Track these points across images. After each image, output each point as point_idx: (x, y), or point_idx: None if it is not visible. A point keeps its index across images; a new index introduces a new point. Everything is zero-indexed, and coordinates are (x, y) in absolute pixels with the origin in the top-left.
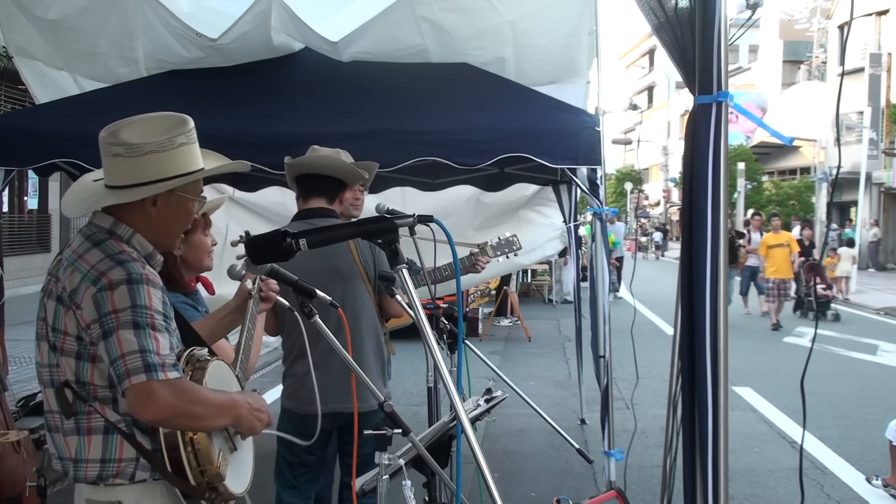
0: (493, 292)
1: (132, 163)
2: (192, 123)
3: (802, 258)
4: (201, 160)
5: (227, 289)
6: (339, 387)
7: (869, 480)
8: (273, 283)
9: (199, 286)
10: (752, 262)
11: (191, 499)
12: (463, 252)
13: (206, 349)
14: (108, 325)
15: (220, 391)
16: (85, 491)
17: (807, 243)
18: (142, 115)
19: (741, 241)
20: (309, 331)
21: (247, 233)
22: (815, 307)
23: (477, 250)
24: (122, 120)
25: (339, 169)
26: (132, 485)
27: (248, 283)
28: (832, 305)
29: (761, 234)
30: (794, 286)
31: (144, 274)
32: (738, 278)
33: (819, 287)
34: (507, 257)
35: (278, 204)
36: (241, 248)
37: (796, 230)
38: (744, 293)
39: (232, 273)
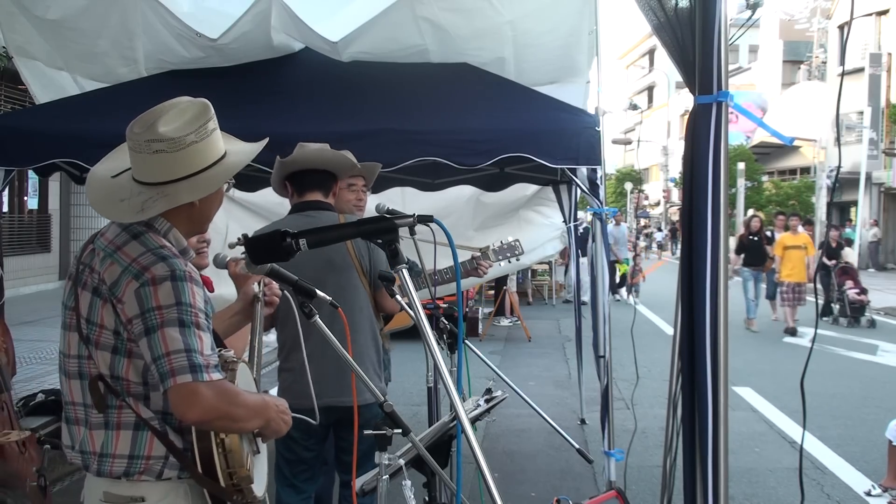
0: (492, 291)
1: (176, 157)
2: (212, 109)
3: (833, 261)
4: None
5: (226, 288)
6: (334, 380)
7: (869, 493)
8: (276, 287)
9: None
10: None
11: (218, 501)
12: (465, 256)
13: (232, 350)
14: (152, 322)
15: (253, 393)
16: (103, 484)
17: (833, 244)
18: (166, 106)
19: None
20: (302, 323)
21: (245, 235)
22: (849, 313)
23: (479, 254)
24: (150, 113)
25: (330, 161)
26: (157, 482)
27: (255, 287)
28: (866, 311)
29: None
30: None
31: (188, 271)
32: (763, 284)
33: (852, 291)
34: (510, 262)
35: (278, 204)
36: (238, 250)
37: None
38: (771, 297)
39: (216, 261)
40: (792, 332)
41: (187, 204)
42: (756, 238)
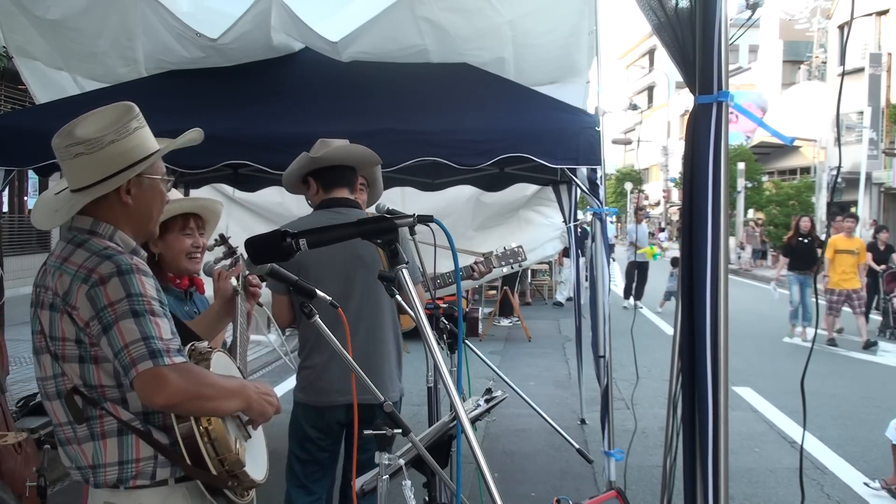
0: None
1: (95, 158)
2: (137, 108)
3: (883, 266)
4: (156, 141)
5: None
6: (357, 378)
7: (867, 485)
8: (256, 279)
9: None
10: None
11: (216, 493)
12: (467, 260)
13: (206, 343)
14: (107, 319)
15: (227, 376)
16: (104, 495)
17: (882, 247)
18: (87, 113)
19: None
20: (329, 320)
21: (221, 236)
22: (892, 324)
23: (482, 259)
24: (69, 123)
25: (358, 157)
26: (154, 487)
27: (233, 281)
28: None
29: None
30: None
31: (133, 264)
32: (809, 289)
33: None
34: (512, 268)
35: (278, 204)
36: (217, 252)
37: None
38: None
39: (205, 269)
40: (832, 342)
41: (120, 204)
42: (807, 240)
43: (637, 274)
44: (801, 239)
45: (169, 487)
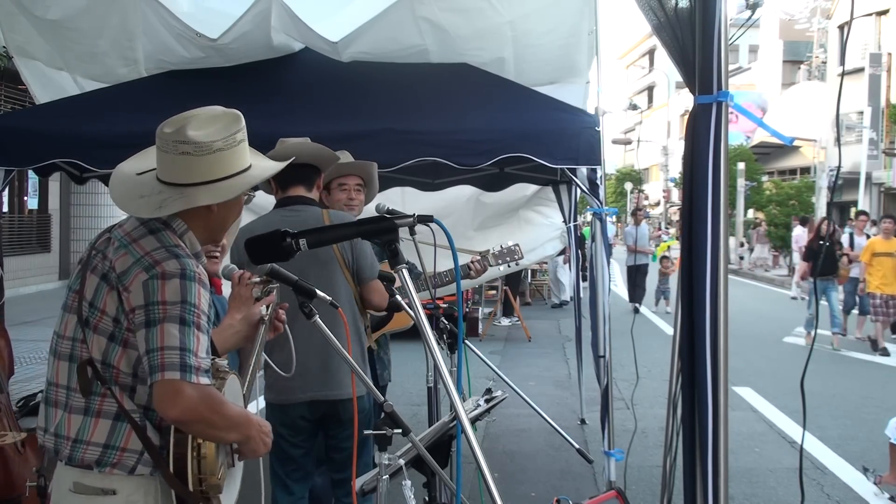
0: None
1: (200, 161)
2: (244, 120)
3: None
4: (250, 157)
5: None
6: (319, 374)
7: (866, 470)
8: (283, 313)
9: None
10: (855, 272)
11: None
12: (465, 259)
13: (226, 360)
14: (154, 315)
15: (238, 407)
16: (73, 474)
17: None
18: (199, 111)
19: (845, 250)
20: (290, 320)
21: (273, 267)
22: None
23: (479, 258)
24: (182, 116)
25: (311, 155)
26: (129, 476)
27: (263, 309)
28: None
29: (867, 238)
30: None
31: (198, 272)
32: (835, 293)
33: None
34: (509, 266)
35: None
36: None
37: (797, 230)
38: (850, 310)
39: (224, 272)
40: (883, 351)
41: (205, 209)
42: (828, 243)
43: (637, 278)
44: (822, 242)
45: (145, 478)
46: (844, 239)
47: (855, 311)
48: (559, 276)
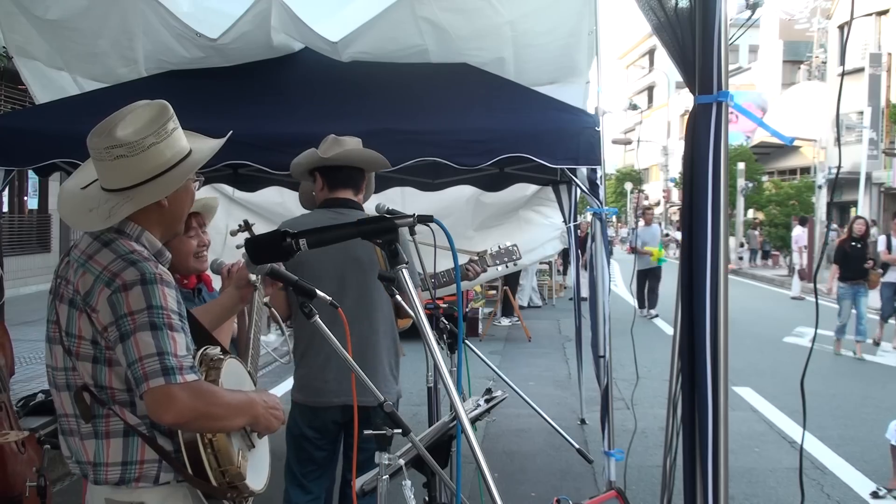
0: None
1: (137, 160)
2: (171, 108)
3: None
4: (187, 142)
5: None
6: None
7: (876, 494)
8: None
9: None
10: (892, 276)
11: (213, 499)
12: (463, 259)
13: (219, 347)
14: (125, 328)
15: (236, 391)
16: (104, 491)
17: None
18: (123, 111)
19: (882, 254)
20: (326, 320)
21: (245, 221)
22: None
23: (476, 258)
24: (107, 121)
25: (366, 161)
26: (156, 486)
27: (253, 276)
28: None
29: None
30: None
31: (157, 273)
32: (864, 298)
33: None
34: (507, 266)
35: (278, 204)
36: (240, 238)
37: (797, 230)
38: (887, 317)
39: (212, 266)
40: None
41: (156, 206)
42: (860, 245)
43: (648, 281)
44: (853, 243)
45: (171, 486)
46: (881, 241)
47: (892, 321)
48: (520, 280)
